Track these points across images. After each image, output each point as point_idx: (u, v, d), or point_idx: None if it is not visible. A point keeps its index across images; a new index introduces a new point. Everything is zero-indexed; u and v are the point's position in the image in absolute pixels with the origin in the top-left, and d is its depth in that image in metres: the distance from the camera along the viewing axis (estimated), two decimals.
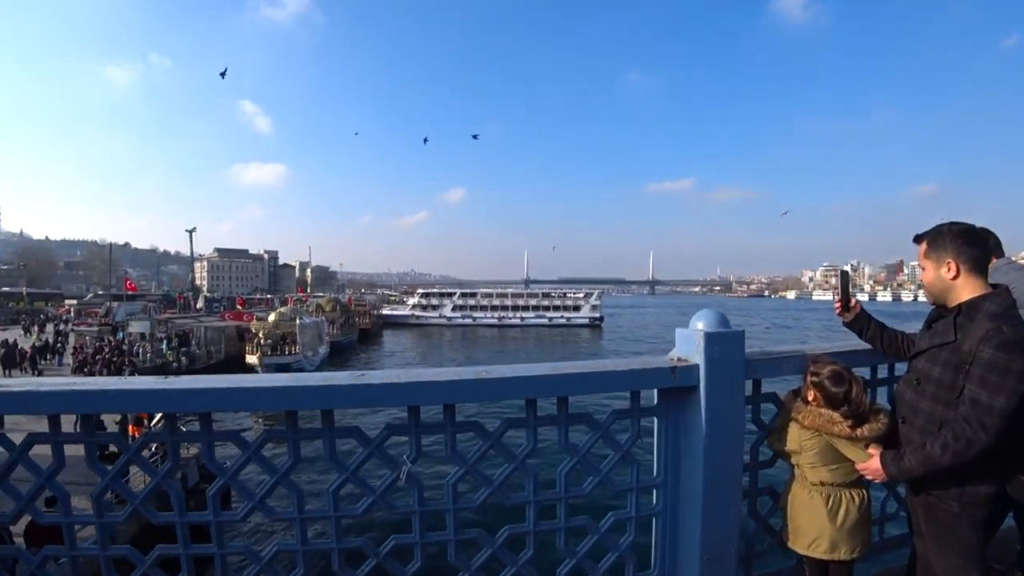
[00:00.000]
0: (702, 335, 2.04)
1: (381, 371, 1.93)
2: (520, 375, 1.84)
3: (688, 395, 2.08)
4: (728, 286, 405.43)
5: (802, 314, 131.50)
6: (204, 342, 39.47)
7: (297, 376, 1.92)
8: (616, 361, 2.05)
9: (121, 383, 1.94)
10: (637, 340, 68.34)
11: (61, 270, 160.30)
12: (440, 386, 1.81)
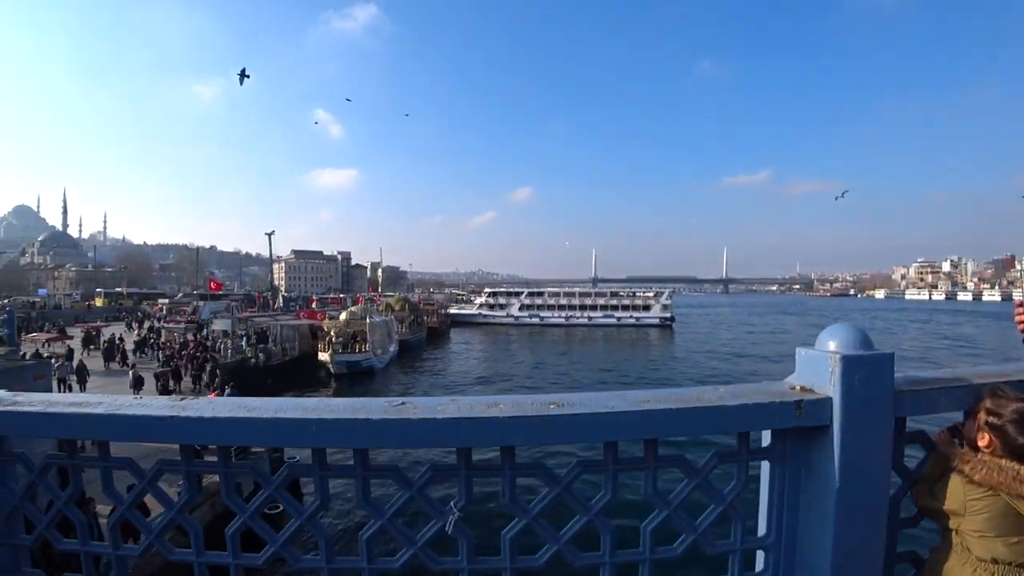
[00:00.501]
0: (838, 359, 1.55)
1: (424, 400, 1.55)
2: (598, 411, 1.42)
3: (815, 436, 1.60)
4: (809, 285, 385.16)
5: (893, 315, 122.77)
6: (280, 339, 40.74)
7: (322, 404, 1.58)
8: (719, 391, 1.59)
9: (134, 407, 1.69)
10: (710, 344, 66.04)
11: (156, 272, 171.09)
12: (496, 424, 1.43)
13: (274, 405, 1.61)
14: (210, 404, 1.68)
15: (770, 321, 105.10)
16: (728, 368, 42.13)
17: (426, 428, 1.42)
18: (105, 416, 1.64)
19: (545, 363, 46.38)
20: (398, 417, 1.43)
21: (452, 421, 1.42)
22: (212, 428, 1.57)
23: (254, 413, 1.54)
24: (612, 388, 33.59)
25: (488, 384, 38.13)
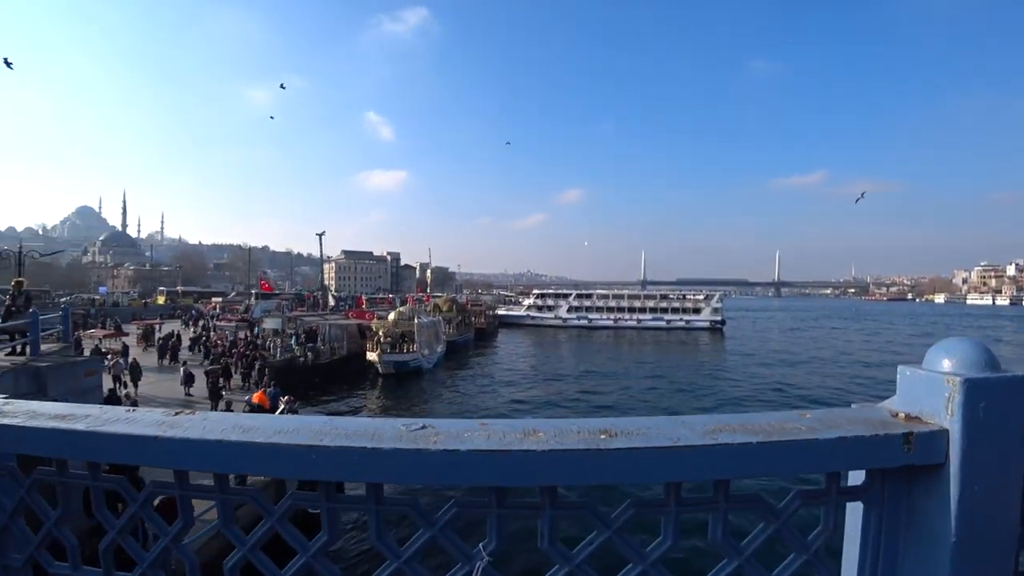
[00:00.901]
0: (958, 383, 1.21)
1: (448, 424, 1.29)
2: (660, 445, 1.11)
3: (925, 476, 1.27)
4: (864, 288, 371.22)
5: (955, 321, 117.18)
6: (329, 339, 41.36)
7: (330, 425, 1.34)
8: (805, 417, 1.27)
9: (119, 422, 1.48)
10: (763, 348, 64.00)
11: (211, 271, 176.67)
12: (533, 460, 1.14)
13: (274, 425, 1.38)
14: (203, 421, 1.46)
15: (824, 325, 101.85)
16: (783, 375, 40.64)
17: (448, 462, 1.14)
18: (85, 433, 1.44)
19: (593, 367, 45.71)
20: (414, 447, 1.16)
21: (479, 455, 1.13)
22: (198, 452, 1.35)
23: (247, 436, 1.32)
24: (662, 396, 32.95)
25: (534, 388, 37.74)
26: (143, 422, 1.50)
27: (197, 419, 1.50)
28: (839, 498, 1.34)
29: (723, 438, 1.15)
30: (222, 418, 1.48)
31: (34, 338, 12.44)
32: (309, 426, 1.36)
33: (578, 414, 28.24)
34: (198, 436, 1.37)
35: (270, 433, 1.33)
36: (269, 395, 19.00)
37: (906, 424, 1.28)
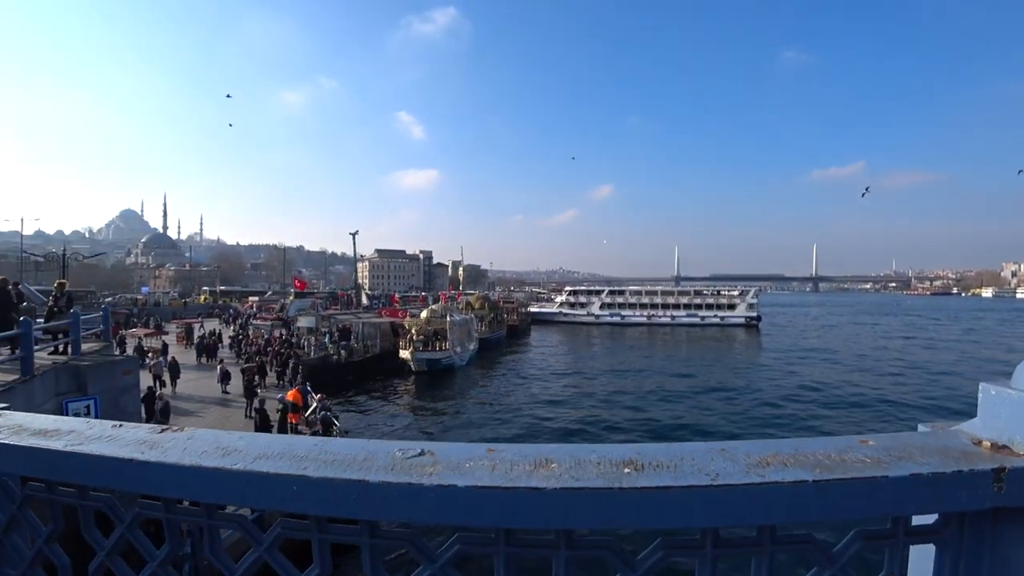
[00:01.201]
0: None
1: (449, 450, 1.12)
2: (696, 484, 0.89)
3: (1019, 520, 1.04)
4: (907, 283, 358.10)
5: (1007, 316, 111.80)
6: (362, 337, 41.69)
7: (318, 449, 1.19)
8: (868, 445, 1.04)
9: (100, 441, 1.37)
10: (801, 346, 62.23)
11: (248, 271, 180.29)
12: (544, 500, 0.94)
13: (257, 448, 1.24)
14: (187, 441, 1.33)
15: (866, 321, 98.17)
16: (822, 375, 39.04)
17: (443, 499, 0.96)
18: (62, 453, 1.33)
19: (626, 365, 44.94)
20: (405, 481, 0.99)
21: (480, 493, 0.95)
22: (173, 478, 1.22)
23: (227, 460, 1.18)
24: (696, 397, 31.36)
25: (565, 386, 37.40)
26: (124, 440, 1.39)
27: (181, 438, 1.38)
28: (907, 539, 1.13)
29: (772, 474, 0.94)
30: (206, 438, 1.35)
31: (75, 337, 12.70)
32: (294, 450, 1.22)
33: (609, 414, 27.90)
34: (174, 460, 1.24)
35: (251, 458, 1.19)
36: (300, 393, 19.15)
37: (994, 456, 1.06)
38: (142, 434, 1.43)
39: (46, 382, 10.57)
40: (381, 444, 1.20)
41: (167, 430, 1.48)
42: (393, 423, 27.10)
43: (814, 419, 26.62)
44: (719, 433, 23.76)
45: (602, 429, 24.71)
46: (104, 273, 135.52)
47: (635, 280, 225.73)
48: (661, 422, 25.75)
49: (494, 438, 23.50)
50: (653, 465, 1.00)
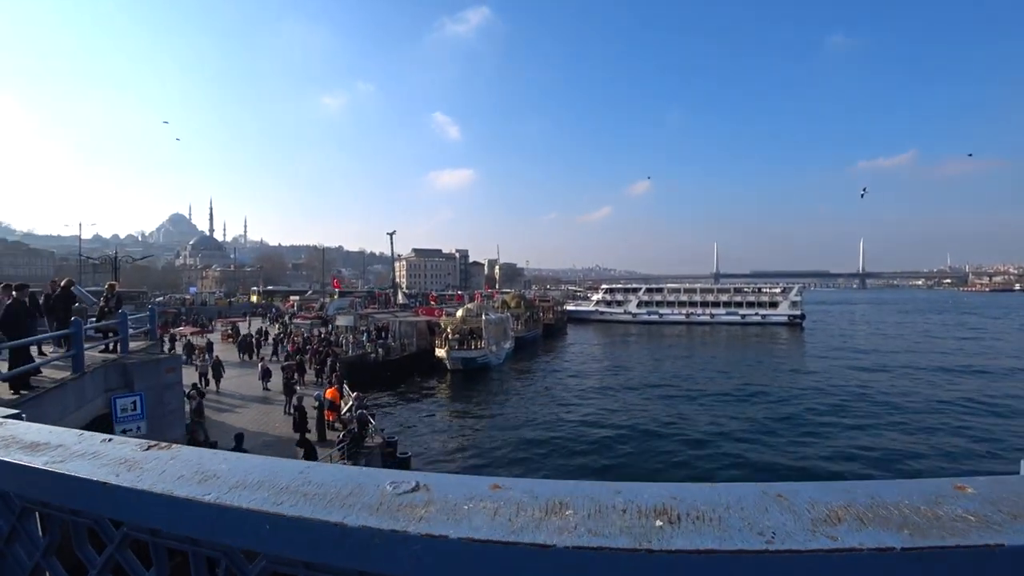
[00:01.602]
0: None
1: (447, 484, 0.95)
2: (742, 549, 0.64)
3: None
4: (963, 279, 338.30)
5: None
6: (399, 335, 42.00)
7: (304, 477, 1.04)
8: (967, 493, 0.76)
9: (79, 460, 1.28)
10: (848, 347, 59.79)
11: (289, 271, 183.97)
12: (552, 561, 0.73)
13: (240, 472, 1.10)
14: (169, 462, 1.21)
15: (917, 320, 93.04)
16: (874, 381, 36.24)
17: (430, 552, 0.77)
18: (41, 472, 1.24)
19: (663, 366, 43.97)
20: (388, 527, 0.81)
21: (474, 547, 0.76)
22: (145, 506, 1.09)
23: (200, 490, 1.04)
24: (737, 406, 29.07)
25: (600, 386, 36.92)
26: (106, 459, 1.28)
27: (164, 457, 1.25)
28: None
29: (846, 536, 0.69)
30: (189, 460, 1.22)
31: (123, 336, 13.04)
32: (276, 479, 1.07)
33: (644, 417, 27.36)
34: (146, 486, 1.11)
35: (228, 487, 1.05)
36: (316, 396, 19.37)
37: None
38: (127, 451, 1.32)
39: (96, 379, 10.87)
40: (373, 474, 1.04)
41: (153, 447, 1.36)
42: (427, 422, 27.15)
43: (869, 434, 24.06)
44: (763, 447, 22.07)
45: (637, 434, 24.01)
46: (155, 274, 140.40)
47: (673, 277, 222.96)
48: (699, 429, 24.62)
49: (525, 442, 23.28)
50: (692, 516, 0.79)
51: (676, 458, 21.03)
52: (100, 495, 1.16)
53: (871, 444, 22.72)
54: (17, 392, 8.50)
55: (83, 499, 1.22)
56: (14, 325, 9.17)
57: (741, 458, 20.95)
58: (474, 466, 20.65)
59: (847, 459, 21.00)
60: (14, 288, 10.19)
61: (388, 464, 17.64)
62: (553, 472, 18.91)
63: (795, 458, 20.98)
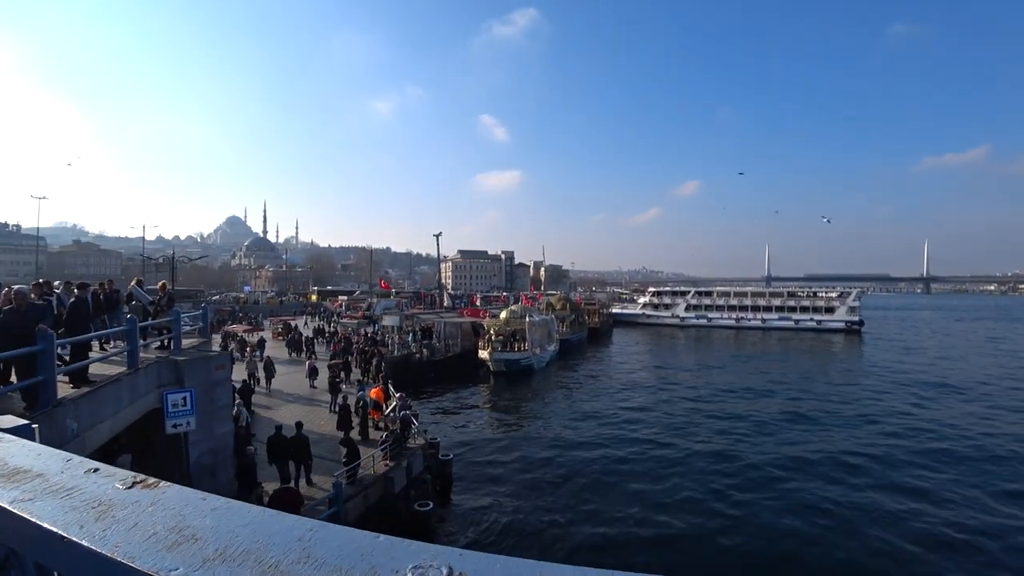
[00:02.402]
0: None
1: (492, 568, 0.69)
2: None
3: None
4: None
5: None
6: (443, 336, 42.08)
7: (303, 547, 0.79)
8: None
9: (55, 500, 1.11)
10: (911, 357, 56.69)
11: (339, 271, 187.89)
12: None
13: (226, 533, 0.88)
14: (148, 509, 1.00)
15: (991, 329, 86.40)
16: (945, 400, 32.50)
17: None
18: (13, 515, 1.04)
19: (712, 374, 42.27)
20: None
21: None
22: (101, 572, 0.86)
23: (168, 559, 0.82)
24: (795, 429, 25.57)
25: (647, 394, 36.15)
26: (80, 498, 1.10)
27: (144, 501, 1.05)
28: None
29: None
30: (171, 507, 1.01)
31: (176, 334, 13.30)
32: (267, 549, 0.83)
33: (691, 431, 26.48)
34: (109, 547, 0.90)
35: (202, 559, 0.83)
36: (359, 395, 19.36)
37: None
38: (107, 489, 1.12)
39: (149, 375, 11.07)
40: (393, 549, 0.78)
41: (139, 484, 1.15)
42: (470, 424, 27.00)
43: (952, 478, 19.45)
44: (824, 483, 18.99)
45: (683, 455, 22.97)
46: (212, 274, 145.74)
47: (723, 280, 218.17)
48: (752, 450, 22.71)
49: (566, 453, 22.73)
50: None
51: (718, 492, 18.50)
52: (58, 550, 0.95)
53: (951, 498, 17.81)
54: (77, 386, 8.65)
55: (41, 551, 1.01)
56: (77, 322, 9.38)
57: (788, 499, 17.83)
58: (514, 470, 20.36)
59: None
60: (76, 287, 10.50)
61: (430, 464, 17.53)
62: (597, 497, 18.14)
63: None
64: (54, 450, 1.42)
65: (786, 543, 15.03)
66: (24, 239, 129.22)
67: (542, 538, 15.24)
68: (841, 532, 15.56)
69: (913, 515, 16.65)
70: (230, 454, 13.34)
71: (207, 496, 1.04)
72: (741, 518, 16.56)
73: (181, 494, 1.06)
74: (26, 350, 7.01)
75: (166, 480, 1.13)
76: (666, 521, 16.40)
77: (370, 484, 14.28)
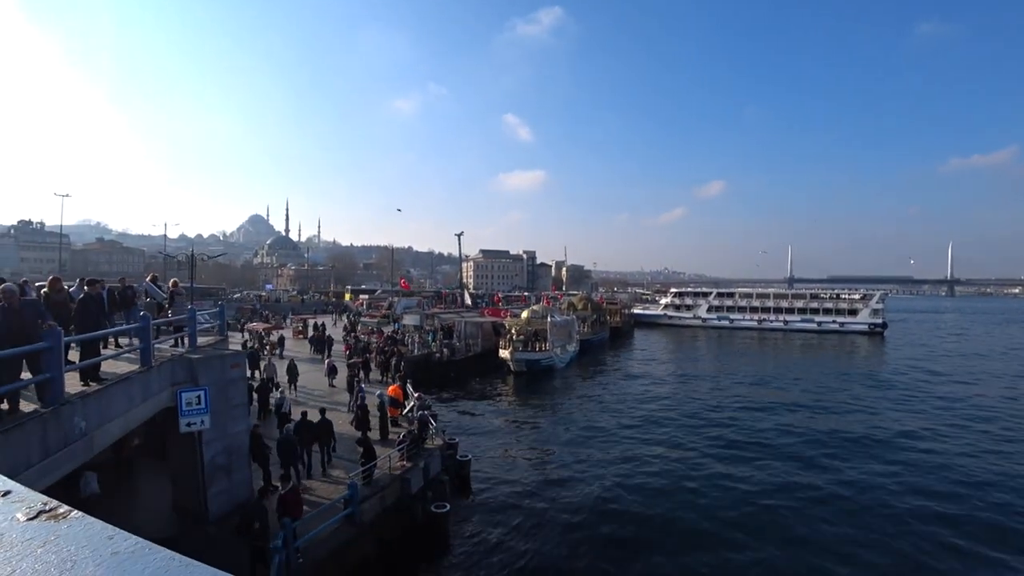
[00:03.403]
0: None
1: None
2: None
3: None
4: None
5: None
6: (464, 335, 41.94)
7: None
8: None
9: None
10: (935, 360, 55.35)
11: (360, 270, 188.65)
12: None
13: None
14: (37, 548, 0.76)
15: (1016, 333, 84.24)
16: (972, 404, 31.72)
17: None
18: None
19: (733, 376, 41.71)
20: None
21: None
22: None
23: None
24: (822, 446, 23.10)
25: (667, 397, 35.70)
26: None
27: (37, 540, 0.83)
28: None
29: None
30: (65, 547, 0.77)
31: (191, 332, 13.25)
32: None
33: (713, 437, 26.06)
34: None
35: None
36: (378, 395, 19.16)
37: None
38: (3, 521, 0.88)
39: (163, 373, 10.98)
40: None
41: (44, 514, 0.92)
42: (489, 424, 26.79)
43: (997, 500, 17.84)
44: (861, 508, 17.23)
45: (701, 456, 22.52)
46: (235, 272, 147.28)
47: (745, 282, 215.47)
48: (778, 461, 21.31)
49: (586, 452, 22.44)
50: None
51: (735, 503, 17.59)
52: None
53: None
54: (87, 383, 8.57)
55: None
56: (86, 319, 9.31)
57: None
58: (533, 471, 20.12)
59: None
60: (85, 283, 10.44)
61: (447, 465, 17.35)
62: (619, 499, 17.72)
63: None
64: (12, 484, 1.21)
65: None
66: (48, 236, 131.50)
67: (562, 541, 14.97)
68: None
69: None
70: (245, 453, 13.26)
71: (116, 535, 0.81)
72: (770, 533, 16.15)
73: (86, 532, 0.83)
74: (32, 347, 6.91)
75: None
76: (689, 526, 16.10)
77: (386, 485, 14.12)
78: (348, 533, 12.09)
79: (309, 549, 11.01)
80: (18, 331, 6.94)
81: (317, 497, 13.36)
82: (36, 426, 6.64)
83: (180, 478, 12.87)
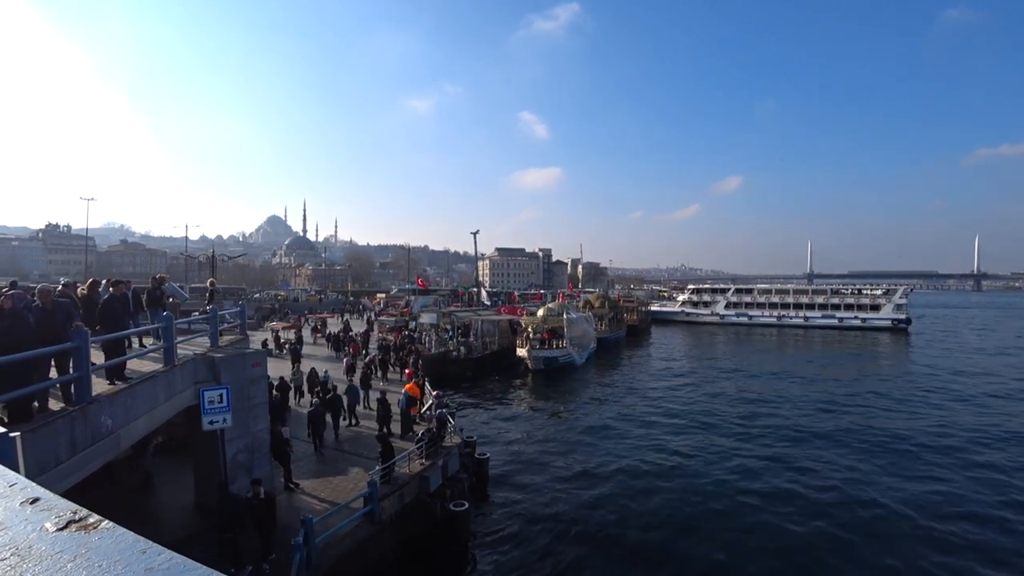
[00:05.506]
0: None
1: None
2: None
3: None
4: None
5: None
6: (481, 334, 41.99)
7: None
8: None
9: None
10: (961, 357, 54.08)
11: (377, 269, 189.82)
12: None
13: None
14: (67, 560, 0.73)
15: None
16: (1002, 405, 30.66)
17: None
18: None
19: (752, 374, 41.17)
20: None
21: None
22: None
23: None
24: (845, 449, 22.20)
25: (686, 394, 35.35)
26: None
27: (67, 553, 0.81)
28: None
29: None
30: (96, 561, 0.74)
31: (212, 331, 13.39)
32: None
33: (733, 435, 25.81)
34: None
35: None
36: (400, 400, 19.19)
37: None
38: (32, 532, 0.90)
39: (186, 371, 11.12)
40: None
41: (73, 524, 0.89)
42: (507, 422, 26.78)
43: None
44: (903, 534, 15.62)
45: (722, 457, 22.22)
46: (254, 272, 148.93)
47: (763, 277, 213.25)
48: (803, 473, 19.98)
49: (603, 443, 22.36)
50: None
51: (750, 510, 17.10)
52: None
53: None
54: (112, 382, 8.66)
55: None
56: (110, 319, 9.40)
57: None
58: (551, 470, 20.06)
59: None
60: (111, 284, 10.57)
61: (466, 464, 17.37)
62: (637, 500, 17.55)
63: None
64: (2, 471, 1.18)
65: None
66: (74, 239, 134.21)
67: (582, 541, 14.90)
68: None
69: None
70: (266, 451, 13.36)
71: (148, 548, 0.78)
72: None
73: (117, 545, 0.80)
74: (59, 347, 7.02)
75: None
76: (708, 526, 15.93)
77: (405, 483, 14.15)
78: (367, 531, 12.14)
79: (329, 546, 11.06)
80: (48, 331, 7.06)
81: (336, 495, 13.45)
82: (65, 424, 6.73)
83: (202, 476, 13.00)
